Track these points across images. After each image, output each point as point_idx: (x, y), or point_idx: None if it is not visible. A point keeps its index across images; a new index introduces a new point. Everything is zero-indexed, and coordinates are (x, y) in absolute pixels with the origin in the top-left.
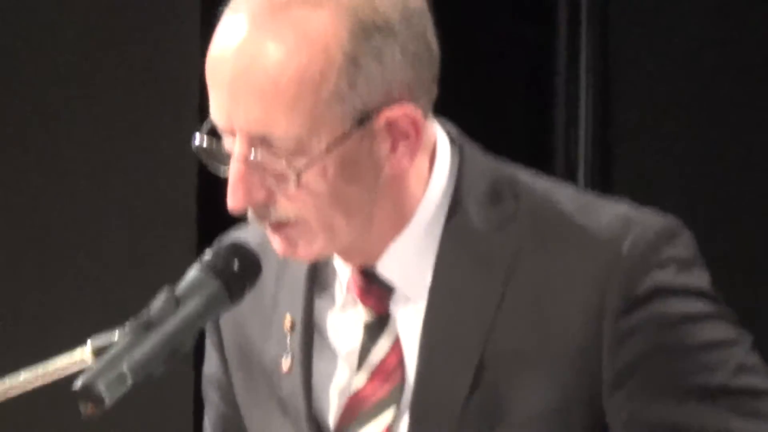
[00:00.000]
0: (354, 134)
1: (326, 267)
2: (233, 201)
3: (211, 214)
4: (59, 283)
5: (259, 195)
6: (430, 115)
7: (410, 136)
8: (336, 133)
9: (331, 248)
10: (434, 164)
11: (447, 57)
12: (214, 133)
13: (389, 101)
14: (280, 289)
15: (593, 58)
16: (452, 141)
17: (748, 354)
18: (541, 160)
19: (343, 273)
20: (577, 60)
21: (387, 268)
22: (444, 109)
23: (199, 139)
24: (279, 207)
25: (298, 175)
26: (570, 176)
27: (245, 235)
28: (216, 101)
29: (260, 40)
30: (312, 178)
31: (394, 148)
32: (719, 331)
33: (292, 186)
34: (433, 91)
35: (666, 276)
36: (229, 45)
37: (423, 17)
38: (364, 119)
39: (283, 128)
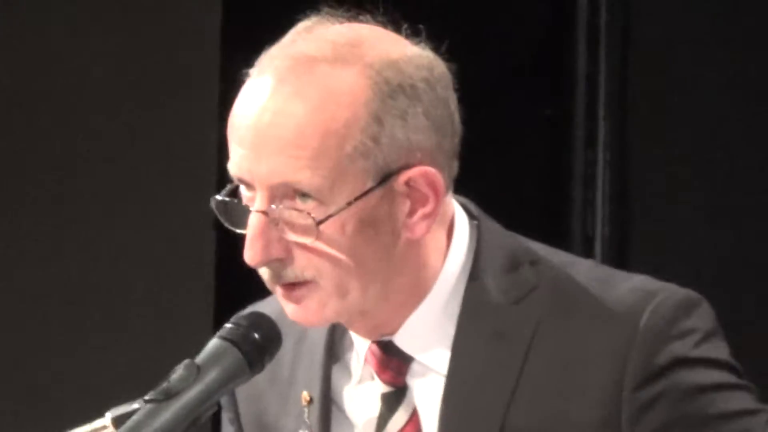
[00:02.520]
0: (375, 192)
1: (343, 339)
2: (251, 254)
3: (229, 284)
4: (75, 350)
5: (277, 250)
6: (450, 190)
7: (429, 202)
8: (357, 189)
9: (344, 313)
10: (452, 238)
11: (466, 134)
12: (232, 195)
13: (411, 163)
14: (297, 363)
15: (611, 134)
16: (470, 216)
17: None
18: (558, 237)
19: (361, 345)
20: (595, 137)
21: (405, 339)
22: (462, 186)
23: (218, 199)
24: (295, 264)
25: (318, 226)
26: (586, 254)
27: (265, 308)
28: (237, 154)
29: (285, 95)
30: (330, 231)
31: (412, 212)
32: (739, 401)
33: (310, 238)
34: (454, 165)
35: (684, 347)
36: (254, 101)
37: (447, 87)
38: (385, 178)
39: (306, 178)
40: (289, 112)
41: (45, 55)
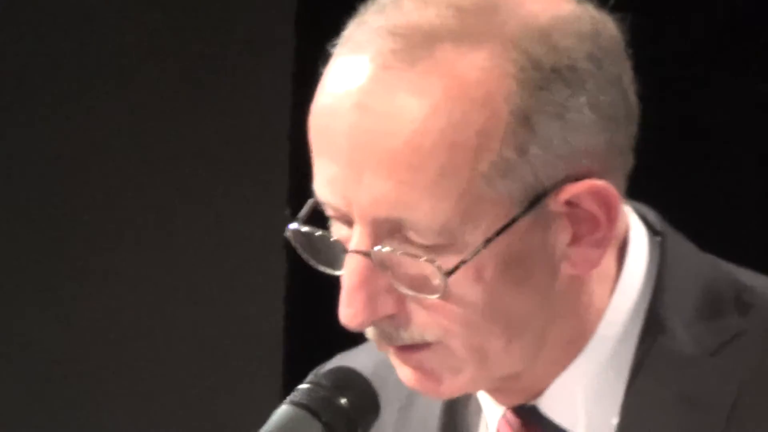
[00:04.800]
0: (522, 221)
1: (467, 404)
2: (350, 313)
3: (303, 324)
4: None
5: (387, 305)
6: (622, 194)
7: (600, 224)
8: (498, 220)
9: (482, 382)
10: (625, 263)
11: (650, 121)
12: (315, 218)
13: (573, 175)
14: None
15: None
16: (651, 231)
17: None
18: None
19: (491, 412)
20: None
21: (555, 406)
22: (644, 195)
23: (296, 227)
24: (413, 323)
25: (445, 279)
26: None
27: (356, 359)
28: (328, 172)
29: (393, 90)
30: (463, 282)
31: (576, 240)
32: None
33: (435, 294)
34: (629, 159)
35: None
36: (346, 98)
37: (618, 58)
38: (536, 200)
39: (425, 213)
40: (401, 115)
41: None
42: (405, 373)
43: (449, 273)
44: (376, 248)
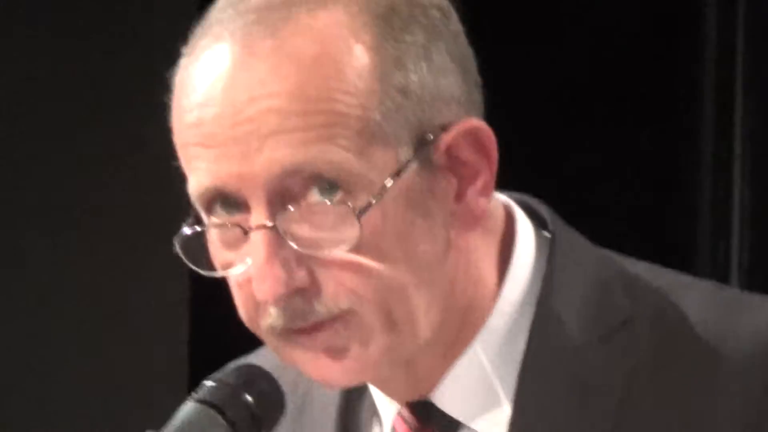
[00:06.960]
0: (413, 164)
1: (360, 404)
2: (266, 286)
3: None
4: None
5: (300, 276)
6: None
7: (480, 170)
8: (392, 162)
9: (393, 352)
10: (513, 254)
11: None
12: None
13: (445, 120)
14: None
15: (755, 117)
16: (539, 224)
17: None
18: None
19: (386, 410)
20: (731, 122)
21: (449, 398)
22: (531, 189)
23: (187, 235)
24: (325, 293)
25: (359, 221)
26: (721, 276)
27: (255, 361)
28: (208, 161)
29: (263, 60)
30: (369, 231)
31: (460, 194)
32: None
33: (350, 241)
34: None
35: None
36: (218, 83)
37: (458, 22)
38: (422, 144)
39: (325, 153)
40: (278, 77)
41: None
42: (310, 360)
43: (362, 212)
44: (280, 215)
